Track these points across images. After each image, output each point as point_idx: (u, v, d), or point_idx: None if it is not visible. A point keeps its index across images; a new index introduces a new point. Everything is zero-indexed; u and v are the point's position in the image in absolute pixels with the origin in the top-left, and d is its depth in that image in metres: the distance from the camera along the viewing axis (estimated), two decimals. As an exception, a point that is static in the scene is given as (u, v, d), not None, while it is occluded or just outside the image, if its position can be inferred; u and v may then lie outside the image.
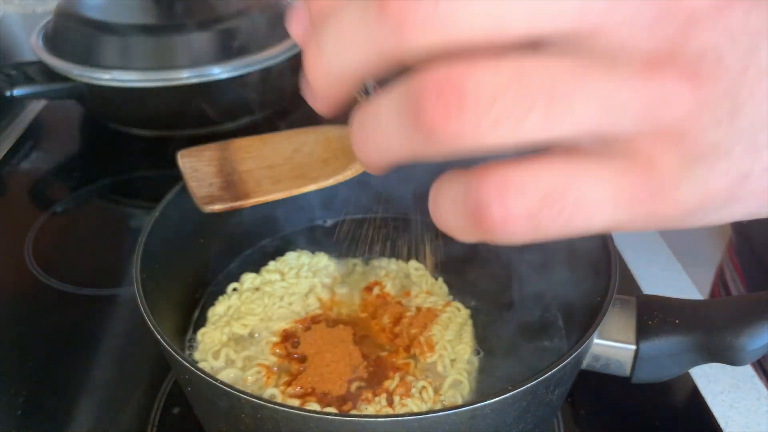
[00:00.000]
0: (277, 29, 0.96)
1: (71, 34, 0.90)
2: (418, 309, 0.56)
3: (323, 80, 0.21)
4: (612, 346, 0.44)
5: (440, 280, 0.60)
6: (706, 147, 0.18)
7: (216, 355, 0.51)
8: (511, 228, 0.18)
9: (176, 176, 0.47)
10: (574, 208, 0.18)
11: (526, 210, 0.18)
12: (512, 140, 0.17)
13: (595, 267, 0.49)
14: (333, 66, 0.20)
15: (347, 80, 0.20)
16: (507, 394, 0.37)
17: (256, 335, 0.54)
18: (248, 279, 0.59)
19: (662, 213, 0.19)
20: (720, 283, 0.91)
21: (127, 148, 0.96)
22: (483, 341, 0.54)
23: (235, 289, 0.58)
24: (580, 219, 0.18)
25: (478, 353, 0.53)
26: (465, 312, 0.56)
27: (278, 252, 0.63)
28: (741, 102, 0.17)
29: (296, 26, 0.22)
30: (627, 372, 0.45)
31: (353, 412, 0.47)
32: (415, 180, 0.64)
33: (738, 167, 0.18)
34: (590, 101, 0.17)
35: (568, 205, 0.18)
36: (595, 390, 0.57)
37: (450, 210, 0.20)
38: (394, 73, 0.19)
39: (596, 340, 0.44)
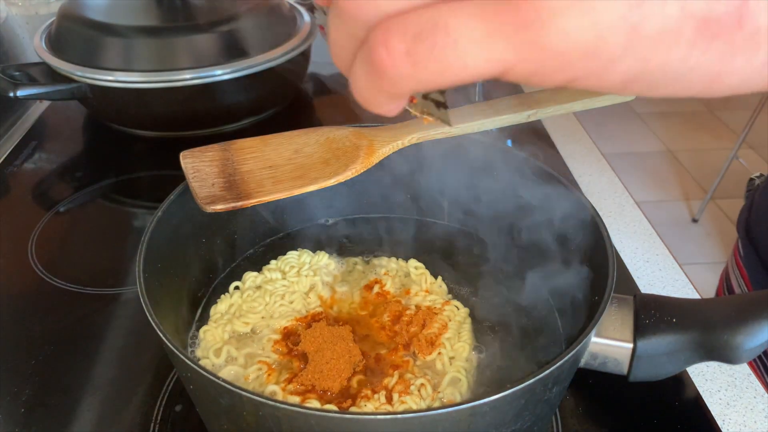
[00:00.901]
0: (278, 31, 0.96)
1: (74, 36, 0.91)
2: (418, 307, 0.56)
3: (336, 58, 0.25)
4: (609, 344, 0.45)
5: (440, 279, 0.60)
6: None
7: (217, 353, 0.52)
8: (397, 67, 0.21)
9: (178, 176, 0.48)
10: (444, 41, 0.20)
11: (405, 47, 0.20)
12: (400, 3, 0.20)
13: (594, 266, 0.49)
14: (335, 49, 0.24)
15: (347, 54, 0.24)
16: (506, 392, 0.37)
17: (258, 333, 0.55)
18: (250, 277, 0.59)
19: (549, 44, 0.19)
20: (725, 287, 0.91)
21: (129, 148, 0.97)
22: (482, 339, 0.55)
23: (237, 288, 0.59)
24: (454, 54, 0.20)
25: (476, 351, 0.54)
26: (464, 310, 0.57)
27: (280, 251, 0.63)
28: None
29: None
30: (624, 370, 0.45)
31: (353, 409, 0.47)
32: (414, 181, 0.64)
33: None
34: None
35: (438, 39, 0.20)
36: (593, 388, 0.57)
37: (360, 73, 0.23)
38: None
39: (594, 339, 0.44)
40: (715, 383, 0.59)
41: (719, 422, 0.55)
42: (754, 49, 0.19)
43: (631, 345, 0.44)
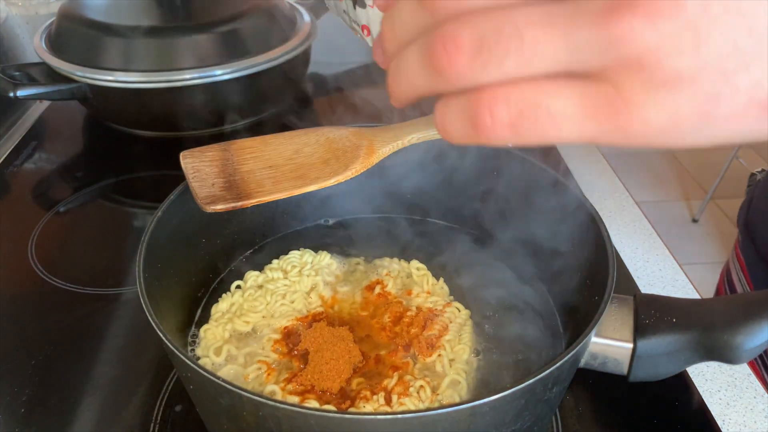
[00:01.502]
0: (278, 31, 0.96)
1: (74, 36, 0.91)
2: (419, 309, 0.56)
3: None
4: (610, 344, 0.45)
5: (441, 280, 0.60)
6: (668, 74, 0.20)
7: (218, 352, 0.52)
8: (498, 133, 0.23)
9: (178, 176, 0.48)
10: (546, 118, 0.23)
11: (509, 118, 0.23)
12: (499, 77, 0.22)
13: (594, 266, 0.49)
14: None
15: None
16: (506, 392, 0.37)
17: (258, 332, 0.55)
18: (251, 277, 0.59)
19: (631, 128, 0.22)
20: (726, 281, 0.91)
21: (129, 148, 0.97)
22: (482, 341, 0.55)
23: (238, 287, 0.59)
24: (552, 128, 0.23)
25: (476, 354, 0.54)
26: (465, 312, 0.57)
27: (281, 250, 0.63)
28: (704, 34, 0.20)
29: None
30: (624, 370, 0.45)
31: (352, 409, 0.47)
32: (416, 181, 0.64)
33: (706, 90, 0.21)
34: (556, 43, 0.21)
35: (541, 116, 0.23)
36: (594, 388, 0.57)
37: (454, 120, 0.25)
38: None
39: (594, 339, 0.44)
40: (715, 383, 0.59)
41: (719, 422, 0.55)
42: None
43: (631, 345, 0.44)
